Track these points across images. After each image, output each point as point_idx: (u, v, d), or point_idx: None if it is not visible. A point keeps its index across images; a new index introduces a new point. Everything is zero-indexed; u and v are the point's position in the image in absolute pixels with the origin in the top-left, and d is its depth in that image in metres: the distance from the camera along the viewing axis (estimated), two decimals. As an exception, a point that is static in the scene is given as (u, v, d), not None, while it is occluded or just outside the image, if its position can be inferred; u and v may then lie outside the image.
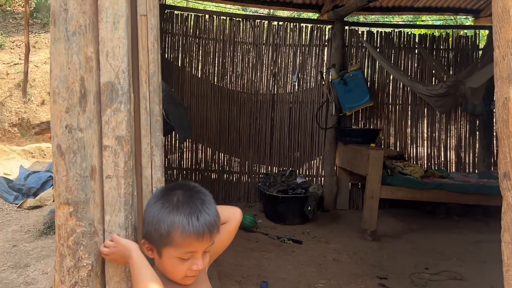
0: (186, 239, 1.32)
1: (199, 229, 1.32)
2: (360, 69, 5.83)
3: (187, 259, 1.35)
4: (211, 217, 1.36)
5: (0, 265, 4.15)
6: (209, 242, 1.36)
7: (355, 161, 5.48)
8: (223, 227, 1.51)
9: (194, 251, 1.34)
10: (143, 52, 1.44)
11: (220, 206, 1.53)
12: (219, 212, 1.49)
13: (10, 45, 9.54)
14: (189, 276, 1.37)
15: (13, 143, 7.92)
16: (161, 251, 1.36)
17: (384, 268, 4.34)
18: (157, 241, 1.36)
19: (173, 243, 1.33)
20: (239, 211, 1.56)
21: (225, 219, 1.51)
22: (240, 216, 1.55)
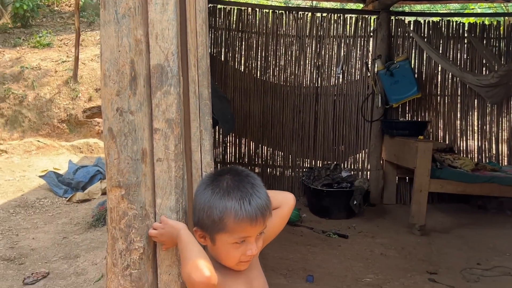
0: (239, 224, 1.30)
1: (251, 213, 1.30)
2: (407, 60, 5.67)
3: (241, 245, 1.33)
4: (262, 200, 1.34)
5: (52, 256, 4.27)
6: (262, 225, 1.33)
7: (402, 154, 5.35)
8: (275, 212, 1.48)
9: (248, 236, 1.33)
10: (192, 34, 1.43)
11: (273, 191, 1.50)
12: (272, 196, 1.47)
13: (58, 44, 9.82)
14: (243, 262, 1.35)
15: (62, 138, 8.15)
16: (215, 238, 1.34)
17: (434, 263, 4.21)
18: (210, 228, 1.34)
19: (226, 229, 1.31)
20: (292, 196, 1.53)
21: (278, 204, 1.49)
22: (293, 202, 1.52)
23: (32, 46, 9.64)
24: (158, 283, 1.35)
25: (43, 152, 7.73)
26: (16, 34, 10.32)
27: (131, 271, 1.30)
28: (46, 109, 8.27)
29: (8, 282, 3.71)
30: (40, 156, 7.64)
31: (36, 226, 5.06)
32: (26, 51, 9.42)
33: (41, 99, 8.33)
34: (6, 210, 5.48)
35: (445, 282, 3.75)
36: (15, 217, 5.33)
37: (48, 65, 8.93)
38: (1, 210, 5.47)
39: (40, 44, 9.69)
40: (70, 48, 9.58)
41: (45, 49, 9.57)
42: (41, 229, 4.98)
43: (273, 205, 1.48)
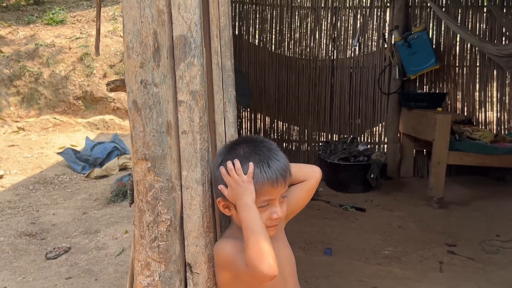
0: (260, 188, 1.31)
1: (272, 176, 1.31)
2: (425, 30, 5.56)
3: (265, 209, 1.33)
4: (281, 162, 1.35)
5: (72, 231, 4.33)
6: (283, 187, 1.34)
7: (420, 127, 5.29)
8: (301, 185, 1.49)
9: (271, 198, 1.33)
10: (214, 4, 1.40)
11: (299, 164, 1.51)
12: (299, 170, 1.47)
13: (71, 20, 9.80)
14: (269, 227, 1.34)
15: (78, 115, 8.20)
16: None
17: (453, 235, 4.19)
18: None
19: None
20: (318, 170, 1.53)
21: (304, 177, 1.49)
22: (319, 175, 1.52)
23: (46, 23, 9.63)
24: (185, 254, 1.36)
25: (60, 129, 7.79)
26: (29, 11, 10.30)
27: (159, 243, 1.30)
28: (61, 86, 8.29)
29: (31, 257, 3.78)
30: (57, 133, 7.70)
31: (56, 202, 5.13)
32: (39, 28, 9.42)
33: (56, 76, 8.35)
34: (26, 187, 5.56)
35: (464, 254, 3.74)
36: (35, 193, 5.41)
37: (62, 42, 8.93)
38: (21, 187, 5.55)
39: (53, 21, 9.67)
40: (83, 25, 9.56)
41: (58, 26, 9.56)
42: (61, 205, 5.05)
43: (299, 178, 1.48)
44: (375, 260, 3.69)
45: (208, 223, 1.35)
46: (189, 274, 1.36)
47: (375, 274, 3.42)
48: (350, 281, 3.29)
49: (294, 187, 1.50)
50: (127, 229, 4.19)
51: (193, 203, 1.34)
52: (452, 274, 3.43)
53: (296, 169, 1.48)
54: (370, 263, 3.63)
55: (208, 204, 1.36)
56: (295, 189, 1.50)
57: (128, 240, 4.00)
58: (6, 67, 8.29)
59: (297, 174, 1.48)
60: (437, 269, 3.53)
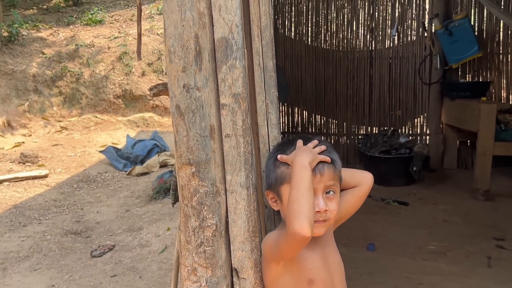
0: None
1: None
2: (467, 18, 5.38)
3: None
4: (330, 155, 1.32)
5: (116, 229, 4.42)
6: (327, 179, 1.30)
7: (463, 117, 5.14)
8: (353, 190, 1.45)
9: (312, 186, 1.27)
10: (254, 4, 1.37)
11: (352, 169, 1.48)
12: (351, 175, 1.44)
13: (109, 20, 9.97)
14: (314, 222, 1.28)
15: (118, 114, 8.35)
16: (280, 193, 1.32)
17: (501, 229, 4.06)
18: (275, 184, 1.33)
19: (288, 178, 1.28)
20: (370, 176, 1.48)
21: (356, 183, 1.45)
22: (371, 181, 1.48)
23: (85, 24, 9.83)
24: (231, 259, 1.35)
25: (101, 128, 7.95)
26: (69, 12, 10.54)
27: (205, 248, 1.30)
28: (101, 85, 8.46)
29: (77, 255, 3.88)
30: (98, 131, 7.87)
31: (99, 200, 5.24)
32: (79, 29, 9.63)
33: (97, 76, 8.52)
34: (70, 185, 5.70)
35: (514, 249, 3.63)
36: (79, 191, 5.54)
37: (101, 42, 9.10)
38: (66, 186, 5.70)
39: (92, 21, 9.86)
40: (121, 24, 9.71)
41: (97, 26, 9.74)
42: (104, 202, 5.16)
43: (351, 184, 1.45)
44: (420, 255, 3.62)
45: (253, 227, 1.34)
46: (235, 279, 1.34)
47: (420, 270, 3.35)
48: (395, 277, 3.23)
49: (345, 192, 1.46)
50: (169, 226, 4.24)
51: (238, 207, 1.32)
52: (501, 270, 3.33)
53: (348, 174, 1.45)
54: (415, 258, 3.56)
55: (253, 208, 1.34)
56: (346, 194, 1.46)
57: (171, 237, 4.05)
58: (48, 68, 8.51)
59: (348, 179, 1.45)
60: (485, 264, 3.43)
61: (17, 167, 6.30)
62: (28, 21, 9.60)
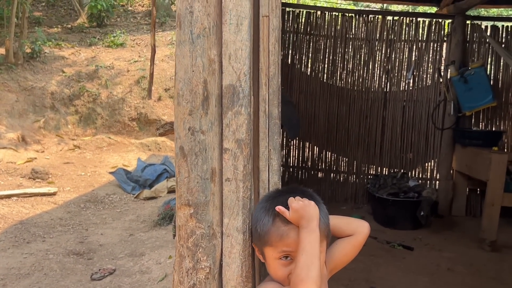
0: (282, 235, 1.28)
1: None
2: (483, 67, 5.41)
3: (288, 262, 1.29)
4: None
5: (119, 253, 4.43)
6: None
7: (474, 165, 5.11)
8: (349, 239, 1.46)
9: (293, 251, 1.28)
10: (264, 53, 1.42)
11: (348, 218, 1.48)
12: (347, 222, 1.44)
13: (131, 43, 10.17)
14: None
15: (132, 136, 8.44)
16: (263, 252, 1.33)
17: (505, 282, 3.99)
18: (259, 242, 1.33)
19: (270, 242, 1.29)
20: (367, 226, 1.48)
21: (352, 231, 1.45)
22: (367, 231, 1.47)
23: (107, 46, 10.04)
24: (223, 303, 1.36)
25: (114, 149, 8.04)
26: (92, 33, 10.78)
27: (197, 290, 1.31)
28: (118, 107, 8.59)
29: (77, 277, 3.88)
30: (110, 152, 7.95)
31: (105, 222, 5.26)
32: (100, 50, 9.83)
33: (114, 98, 8.66)
34: (77, 205, 5.74)
35: (518, 304, 3.56)
36: (86, 211, 5.58)
37: (121, 65, 9.27)
38: (73, 205, 5.74)
39: (114, 43, 10.07)
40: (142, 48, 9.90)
41: (118, 49, 9.95)
42: (109, 225, 5.18)
43: (346, 232, 1.45)
44: (421, 303, 3.57)
45: (247, 273, 1.35)
46: (225, 323, 1.35)
47: (420, 319, 3.30)
48: (393, 325, 3.18)
49: (341, 240, 1.47)
50: (171, 254, 4.24)
51: (233, 251, 1.34)
52: (503, 326, 3.26)
53: (344, 222, 1.46)
54: (416, 307, 3.51)
55: (248, 253, 1.35)
56: (342, 243, 1.46)
57: (171, 265, 4.04)
58: (67, 87, 8.67)
59: (344, 228, 1.45)
60: (487, 319, 3.37)
61: (27, 183, 6.37)
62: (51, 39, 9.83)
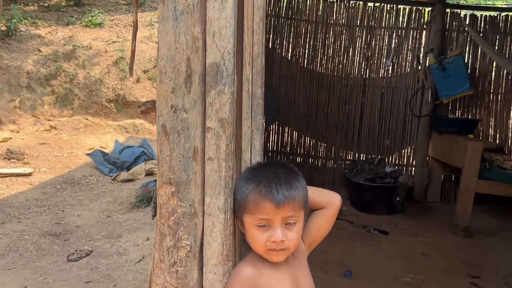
0: (258, 204, 1.30)
1: (274, 194, 1.29)
2: (461, 55, 5.48)
3: (265, 229, 1.32)
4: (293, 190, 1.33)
5: (95, 234, 4.40)
6: (286, 211, 1.31)
7: (450, 152, 5.20)
8: (322, 212, 1.48)
9: (269, 218, 1.31)
10: (248, 32, 1.41)
11: (321, 190, 1.49)
12: (320, 194, 1.46)
13: (109, 23, 9.99)
14: (272, 250, 1.33)
15: (109, 118, 8.34)
16: (243, 220, 1.35)
17: (477, 266, 4.10)
18: (238, 210, 1.36)
19: (248, 209, 1.32)
20: (339, 197, 1.50)
21: (324, 204, 1.47)
22: (339, 203, 1.50)
23: (84, 25, 9.85)
24: (203, 281, 1.36)
25: (91, 130, 7.93)
26: (69, 12, 10.56)
27: (178, 268, 1.31)
28: (95, 88, 8.46)
29: (53, 258, 3.85)
30: (87, 134, 7.85)
31: (81, 203, 5.21)
32: (78, 30, 9.64)
33: (91, 78, 8.52)
34: (54, 186, 5.67)
35: (488, 287, 3.65)
36: (62, 193, 5.51)
37: (99, 45, 9.11)
38: (49, 186, 5.66)
39: (92, 23, 9.88)
40: (121, 29, 9.74)
41: (96, 29, 9.76)
42: (86, 206, 5.13)
43: (319, 204, 1.47)
44: (395, 286, 3.64)
45: (227, 251, 1.35)
46: (205, 301, 1.36)
47: (394, 301, 3.37)
48: (368, 307, 3.25)
49: (314, 214, 1.49)
50: (148, 236, 4.23)
51: (214, 230, 1.34)
52: (474, 308, 3.36)
53: (317, 193, 1.47)
54: (390, 289, 3.58)
55: (229, 232, 1.36)
56: (315, 216, 1.49)
57: (149, 247, 4.04)
58: (43, 66, 8.49)
59: (317, 199, 1.47)
60: (459, 301, 3.46)
61: (2, 163, 6.26)
62: (27, 17, 9.59)
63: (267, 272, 1.36)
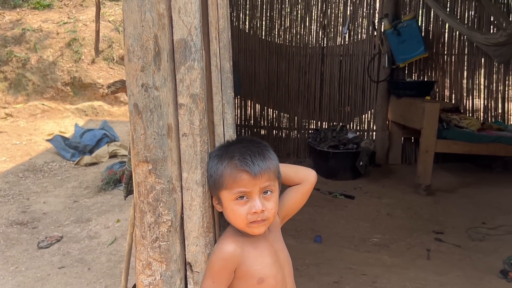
0: (235, 177, 1.33)
1: (249, 166, 1.32)
2: (415, 19, 5.59)
3: (244, 202, 1.34)
4: (265, 159, 1.36)
5: (64, 220, 4.35)
6: (262, 181, 1.34)
7: (408, 115, 5.35)
8: (297, 187, 1.52)
9: (247, 190, 1.34)
10: (213, 7, 1.41)
11: (297, 166, 1.53)
12: (295, 171, 1.50)
13: (58, 4, 9.65)
14: (253, 223, 1.35)
15: (67, 102, 8.13)
16: (220, 198, 1.37)
17: (440, 222, 4.29)
18: (214, 188, 1.38)
19: (225, 185, 1.34)
20: (314, 174, 1.54)
21: (300, 180, 1.51)
22: (314, 179, 1.54)
23: (32, 8, 9.48)
24: (185, 254, 1.39)
25: (48, 116, 7.73)
26: (15, -6, 10.13)
27: (160, 243, 1.33)
28: (49, 72, 8.20)
29: (23, 246, 3.80)
30: (45, 119, 7.65)
31: (46, 190, 5.12)
32: (26, 13, 9.27)
33: (44, 62, 8.25)
34: (15, 174, 5.53)
35: (451, 241, 3.84)
36: (25, 181, 5.39)
37: (49, 27, 8.81)
38: (11, 175, 5.52)
39: (40, 5, 9.52)
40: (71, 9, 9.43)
41: (45, 11, 9.41)
42: (51, 193, 5.05)
43: (295, 180, 1.51)
44: (364, 247, 3.77)
45: (208, 224, 1.38)
46: (189, 273, 1.39)
47: (364, 261, 3.49)
48: (339, 268, 3.36)
49: (290, 189, 1.53)
50: (119, 218, 4.22)
51: (193, 204, 1.36)
52: (439, 261, 3.52)
53: (292, 171, 1.51)
54: (359, 250, 3.71)
55: (208, 204, 1.39)
56: (290, 192, 1.53)
57: (120, 229, 4.03)
58: (-7, 52, 8.19)
59: (292, 176, 1.51)
60: (425, 256, 3.62)
61: (-42, 155, 6.06)
62: (-30, 2, 9.18)
63: (248, 248, 1.39)
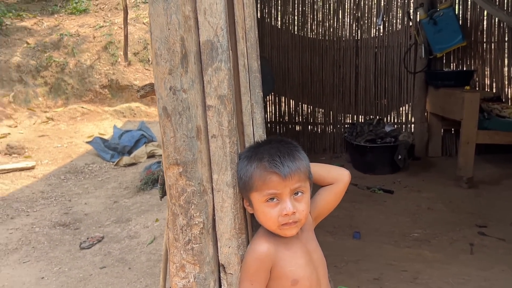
0: (265, 178, 1.31)
1: (279, 167, 1.30)
2: (451, 7, 5.43)
3: (275, 204, 1.33)
4: (295, 159, 1.34)
5: (105, 220, 4.44)
6: (292, 182, 1.32)
7: (448, 106, 5.21)
8: (330, 187, 1.49)
9: (278, 192, 1.32)
10: (239, 6, 1.40)
11: (329, 166, 1.51)
12: (328, 171, 1.47)
13: (94, 9, 9.86)
14: (284, 225, 1.33)
15: (105, 104, 8.31)
16: (251, 200, 1.36)
17: (483, 216, 4.16)
18: (244, 190, 1.36)
19: (255, 187, 1.32)
20: (347, 173, 1.51)
21: (333, 179, 1.48)
22: (348, 178, 1.50)
23: (69, 13, 9.71)
24: (218, 255, 1.39)
25: (88, 118, 7.92)
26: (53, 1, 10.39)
27: (193, 245, 1.34)
28: (87, 75, 8.40)
29: (66, 247, 3.90)
30: (85, 122, 7.83)
31: (87, 191, 5.25)
32: (63, 18, 9.51)
33: (82, 66, 8.45)
34: (58, 177, 5.69)
35: (495, 235, 3.72)
36: (66, 183, 5.54)
37: (86, 31, 9.01)
38: (53, 177, 5.69)
39: (76, 10, 9.75)
40: (106, 13, 9.61)
41: (82, 15, 9.63)
42: (92, 194, 5.17)
43: (327, 180, 1.48)
44: (404, 243, 3.70)
45: (239, 225, 1.38)
46: (223, 274, 1.39)
47: (404, 257, 3.43)
48: (379, 264, 3.30)
49: (323, 189, 1.50)
50: (157, 217, 4.28)
51: (224, 205, 1.36)
52: (483, 256, 3.42)
53: (325, 170, 1.49)
54: (399, 246, 3.64)
55: (239, 206, 1.38)
56: (324, 192, 1.50)
57: (159, 228, 4.09)
58: (33, 58, 8.42)
59: (325, 176, 1.48)
60: (468, 251, 3.52)
61: (3, 159, 6.27)
62: (11, 10, 9.46)
63: (281, 248, 1.37)
